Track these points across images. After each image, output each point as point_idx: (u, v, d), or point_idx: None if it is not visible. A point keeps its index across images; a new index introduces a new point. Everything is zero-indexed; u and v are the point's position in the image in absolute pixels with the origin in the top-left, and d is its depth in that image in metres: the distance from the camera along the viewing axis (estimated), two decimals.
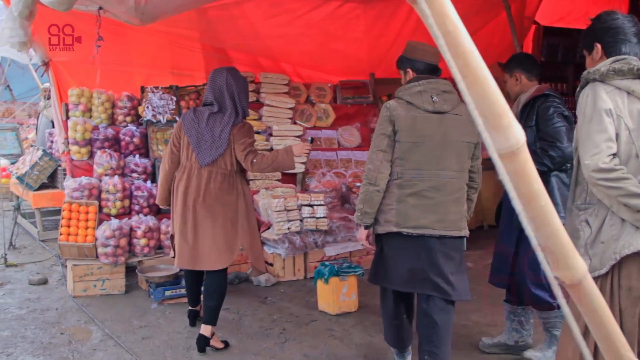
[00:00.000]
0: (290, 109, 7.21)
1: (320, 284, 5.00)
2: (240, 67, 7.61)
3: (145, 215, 5.90)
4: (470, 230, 3.49)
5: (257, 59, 7.77)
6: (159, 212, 6.14)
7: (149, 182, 6.10)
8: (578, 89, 2.79)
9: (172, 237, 4.36)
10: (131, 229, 5.64)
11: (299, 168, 6.80)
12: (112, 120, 6.60)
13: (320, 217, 5.95)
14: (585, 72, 2.74)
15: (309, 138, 4.64)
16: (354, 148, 7.52)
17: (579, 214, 2.76)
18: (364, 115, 7.93)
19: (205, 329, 4.15)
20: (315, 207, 5.94)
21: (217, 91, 4.20)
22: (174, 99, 6.67)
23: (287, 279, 5.92)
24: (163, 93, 6.65)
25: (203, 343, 4.14)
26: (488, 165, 7.64)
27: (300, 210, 5.92)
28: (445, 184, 3.38)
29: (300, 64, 7.99)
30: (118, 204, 5.91)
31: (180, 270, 5.37)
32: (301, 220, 5.91)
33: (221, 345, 4.23)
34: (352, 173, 7.06)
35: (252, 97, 7.27)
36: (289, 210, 5.85)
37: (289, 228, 5.84)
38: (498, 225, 4.22)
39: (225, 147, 4.11)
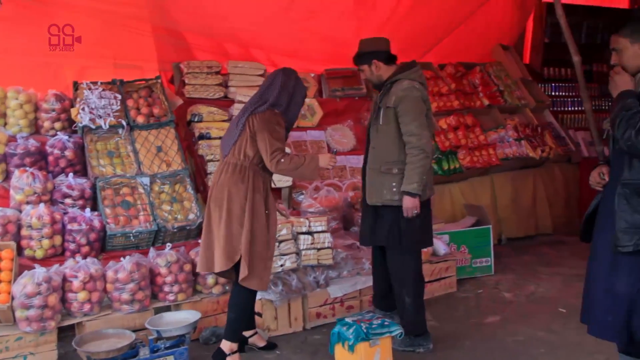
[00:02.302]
0: None
1: (340, 351, 3.53)
2: (203, 55, 6.09)
3: (85, 257, 4.31)
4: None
5: (222, 45, 6.25)
6: (102, 250, 4.56)
7: (87, 210, 4.50)
8: None
9: None
10: (64, 279, 4.05)
11: (285, 182, 5.29)
12: (35, 128, 4.97)
13: (323, 248, 4.47)
14: None
15: (333, 150, 4.22)
16: (348, 152, 6.06)
17: None
18: (356, 111, 6.48)
19: (223, 344, 3.86)
20: (316, 235, 4.46)
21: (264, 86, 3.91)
22: (119, 97, 5.08)
23: (281, 333, 4.42)
24: (103, 90, 5.05)
25: (219, 358, 3.84)
26: (507, 165, 6.27)
27: (296, 240, 4.43)
28: None
29: (276, 49, 6.48)
30: (45, 243, 4.29)
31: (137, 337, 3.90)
32: (297, 254, 4.43)
33: None
34: (350, 184, 5.60)
35: (219, 93, 5.73)
36: (281, 242, 4.35)
37: (282, 265, 4.35)
38: (586, 241, 3.14)
39: (239, 134, 3.76)
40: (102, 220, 4.49)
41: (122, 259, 4.27)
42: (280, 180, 5.28)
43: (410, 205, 3.85)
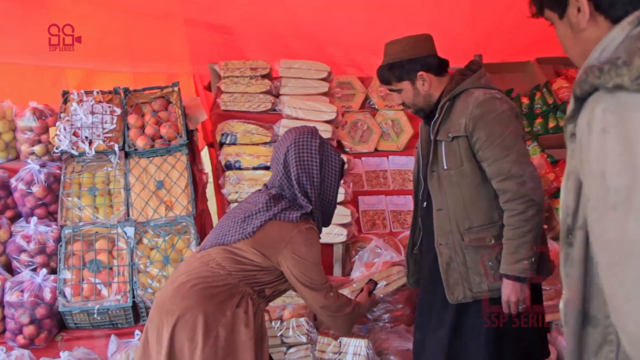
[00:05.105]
0: (327, 122, 4.06)
1: None
2: (256, 56, 4.68)
3: (29, 342, 3.06)
4: None
5: (285, 42, 4.73)
6: (61, 328, 3.26)
7: (43, 272, 3.23)
8: (570, 108, 1.21)
9: None
10: None
11: (338, 235, 3.65)
12: (16, 153, 3.84)
13: None
14: (586, 70, 1.14)
15: (372, 282, 2.79)
16: None
17: None
18: None
19: None
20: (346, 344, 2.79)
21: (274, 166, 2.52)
22: (117, 111, 3.77)
23: None
24: (97, 103, 3.77)
25: None
26: None
27: (314, 345, 2.81)
28: None
29: (359, 46, 4.85)
30: None
31: None
32: None
33: None
34: None
35: (265, 104, 4.22)
36: (292, 346, 2.75)
37: None
38: None
39: (242, 237, 2.30)
40: (55, 289, 3.20)
41: (70, 350, 2.96)
42: (331, 234, 3.67)
43: (514, 294, 2.28)
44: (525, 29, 4.95)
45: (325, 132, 4.01)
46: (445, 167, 2.37)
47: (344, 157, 3.30)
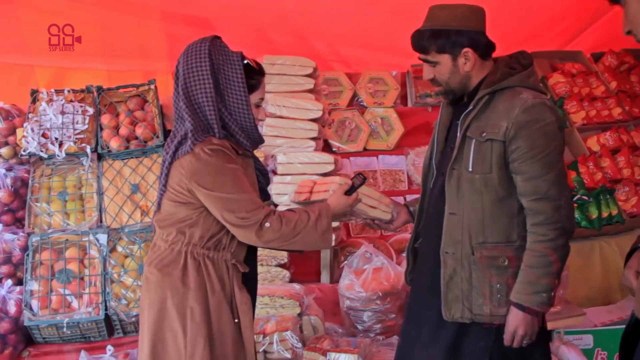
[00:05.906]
0: (313, 120, 3.85)
1: None
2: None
3: None
4: None
5: (268, 37, 4.52)
6: (28, 343, 3.04)
7: (7, 283, 3.00)
8: None
9: None
10: None
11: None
12: None
13: None
14: None
15: (360, 176, 2.28)
16: None
17: None
18: None
19: None
20: None
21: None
22: (89, 111, 3.54)
23: None
24: (68, 102, 3.54)
25: None
26: None
27: None
28: None
29: (345, 38, 4.65)
30: None
31: None
32: None
33: None
34: None
35: None
36: None
37: None
38: None
39: (161, 197, 2.14)
40: (20, 302, 2.97)
41: None
42: None
43: (523, 327, 2.03)
44: (520, 22, 4.83)
45: (312, 130, 3.82)
46: (470, 170, 2.07)
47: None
